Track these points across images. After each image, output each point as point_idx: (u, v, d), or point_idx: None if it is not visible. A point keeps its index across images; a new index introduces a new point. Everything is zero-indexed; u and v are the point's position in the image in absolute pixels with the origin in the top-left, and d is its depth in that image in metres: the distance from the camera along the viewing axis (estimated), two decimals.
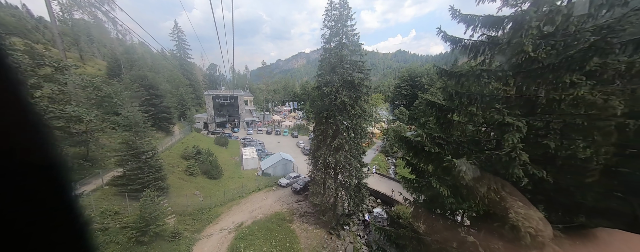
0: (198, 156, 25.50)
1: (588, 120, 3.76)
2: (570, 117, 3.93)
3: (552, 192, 4.35)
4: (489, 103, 4.46)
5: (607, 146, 3.60)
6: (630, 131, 3.47)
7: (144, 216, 12.81)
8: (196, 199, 19.51)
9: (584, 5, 4.56)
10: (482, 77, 4.49)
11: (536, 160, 4.09)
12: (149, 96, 28.00)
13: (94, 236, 0.90)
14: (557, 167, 4.13)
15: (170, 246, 13.65)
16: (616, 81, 3.93)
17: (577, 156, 3.76)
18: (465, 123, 5.45)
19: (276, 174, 27.14)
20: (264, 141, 42.68)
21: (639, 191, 4.07)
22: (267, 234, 16.38)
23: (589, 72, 3.84)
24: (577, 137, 3.91)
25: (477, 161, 4.23)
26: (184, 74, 52.11)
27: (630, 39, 4.18)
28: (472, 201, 4.07)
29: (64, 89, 12.85)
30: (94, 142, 16.77)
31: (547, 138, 3.93)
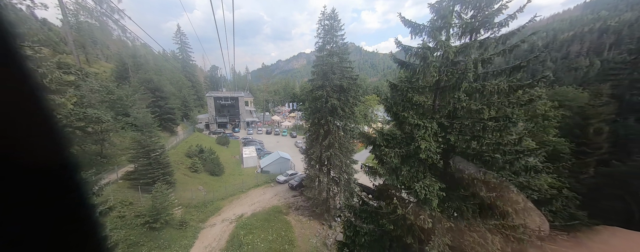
0: (201, 154, 27.30)
1: (472, 122, 5.40)
2: (463, 120, 5.57)
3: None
4: (416, 109, 6.13)
5: (488, 138, 5.26)
6: (490, 127, 5.15)
7: (155, 205, 14.60)
8: (200, 194, 21.28)
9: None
10: (409, 92, 6.15)
11: (446, 149, 5.77)
12: (154, 98, 29.86)
13: (105, 236, 1.28)
14: (455, 154, 5.81)
15: (179, 233, 15.42)
16: (494, 95, 5.58)
17: (469, 146, 5.37)
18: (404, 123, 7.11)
19: (274, 171, 28.88)
20: (264, 140, 44.46)
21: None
22: (265, 224, 18.13)
23: (466, 90, 5.47)
24: (468, 133, 5.55)
25: (405, 150, 5.90)
26: (186, 76, 54.03)
27: (502, 69, 5.92)
28: (399, 178, 5.76)
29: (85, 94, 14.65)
30: (108, 141, 18.59)
31: (450, 134, 5.57)
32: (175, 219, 16.09)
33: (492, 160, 5.07)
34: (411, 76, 6.43)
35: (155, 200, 14.74)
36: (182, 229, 15.81)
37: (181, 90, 44.44)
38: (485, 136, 5.21)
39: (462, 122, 5.59)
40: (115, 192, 15.55)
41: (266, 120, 65.60)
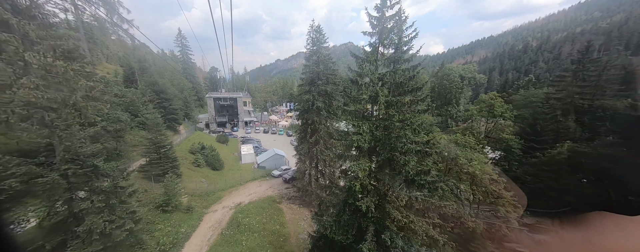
0: (203, 151, 30.14)
1: (389, 123, 8.22)
2: (384, 121, 8.41)
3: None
4: (355, 114, 9.00)
5: (395, 133, 8.11)
6: (397, 126, 8.00)
7: (167, 192, 17.47)
8: (203, 185, 24.14)
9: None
10: (349, 103, 9.00)
11: (375, 140, 8.62)
12: (159, 100, 32.63)
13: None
14: (384, 147, 8.62)
15: (186, 216, 18.28)
16: (403, 106, 8.39)
17: (387, 139, 8.19)
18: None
19: (270, 167, 31.76)
20: (261, 139, 47.32)
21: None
22: (260, 210, 21.02)
23: (386, 102, 8.29)
24: (386, 130, 8.40)
25: (348, 141, 8.75)
26: (187, 78, 56.68)
27: (410, 89, 8.80)
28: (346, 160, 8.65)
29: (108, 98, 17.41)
30: (123, 138, 21.38)
31: (376, 131, 8.40)
32: (182, 205, 18.93)
33: (399, 147, 7.92)
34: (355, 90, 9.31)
35: (166, 188, 17.61)
36: (189, 213, 18.67)
37: (182, 91, 47.16)
38: (394, 132, 8.06)
39: (383, 123, 8.41)
40: (131, 182, 18.34)
41: (264, 119, 68.38)
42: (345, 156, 8.99)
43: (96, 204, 11.14)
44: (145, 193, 17.84)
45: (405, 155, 7.93)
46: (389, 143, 8.21)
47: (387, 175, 8.41)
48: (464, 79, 56.84)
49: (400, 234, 7.92)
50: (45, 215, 10.44)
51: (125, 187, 12.83)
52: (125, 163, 14.66)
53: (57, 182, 9.86)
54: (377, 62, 8.66)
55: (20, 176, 9.26)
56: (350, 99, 9.07)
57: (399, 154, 7.92)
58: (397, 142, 8.04)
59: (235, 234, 16.93)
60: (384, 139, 8.26)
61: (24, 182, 9.48)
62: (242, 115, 57.51)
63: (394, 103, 8.32)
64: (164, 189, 17.66)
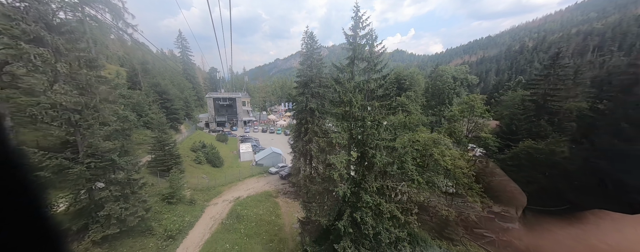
0: (203, 149, 31.84)
1: (363, 123, 10.05)
2: (358, 121, 10.26)
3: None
4: (336, 115, 10.75)
5: (368, 132, 9.87)
6: (369, 126, 9.79)
7: (172, 185, 19.20)
8: (204, 181, 25.85)
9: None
10: (333, 106, 10.73)
11: (350, 138, 10.41)
12: (162, 100, 34.30)
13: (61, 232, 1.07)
14: (358, 144, 10.50)
15: (190, 208, 20.02)
16: (375, 109, 10.13)
17: (362, 137, 9.98)
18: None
19: (267, 164, 33.48)
20: (259, 138, 49.00)
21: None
22: (257, 203, 22.77)
23: (361, 105, 10.03)
24: (360, 129, 10.19)
25: (328, 139, 10.54)
26: (187, 78, 58.24)
27: (381, 94, 10.55)
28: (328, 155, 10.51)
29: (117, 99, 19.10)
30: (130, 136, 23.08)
31: (352, 130, 10.18)
32: (186, 198, 20.67)
33: (369, 143, 9.66)
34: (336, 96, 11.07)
35: (171, 182, 19.35)
36: (192, 205, 20.41)
37: (183, 91, 48.78)
38: (367, 131, 9.80)
39: (358, 123, 10.16)
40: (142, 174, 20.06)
41: (263, 119, 70.03)
42: (327, 150, 10.77)
43: (113, 193, 12.90)
44: (152, 186, 19.54)
45: (374, 150, 9.70)
46: (362, 140, 9.98)
47: (362, 167, 10.18)
48: (457, 80, 58.75)
49: (369, 213, 9.67)
50: (72, 201, 12.16)
51: (137, 180, 14.57)
52: (135, 158, 16.34)
53: (83, 173, 11.59)
54: (353, 72, 10.41)
55: (53, 167, 10.99)
56: (332, 103, 10.82)
57: (369, 148, 9.68)
58: (368, 139, 9.81)
59: (234, 224, 18.69)
60: (358, 136, 10.03)
61: (55, 173, 11.24)
62: (241, 115, 59.15)
63: (366, 106, 10.09)
64: (169, 183, 19.40)
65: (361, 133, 10.03)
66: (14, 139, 14.19)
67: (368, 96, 10.56)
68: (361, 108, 10.17)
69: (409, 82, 72.20)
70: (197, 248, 15.47)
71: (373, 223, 9.72)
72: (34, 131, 14.83)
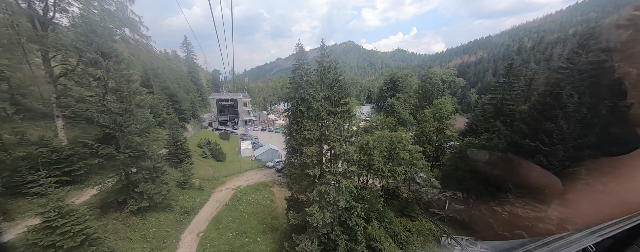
0: (208, 145, 36.17)
1: (327, 123, 14.21)
2: (326, 122, 14.39)
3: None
4: (312, 117, 14.87)
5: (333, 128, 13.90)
6: (332, 120, 13.86)
7: (184, 174, 23.49)
8: (209, 173, 30.15)
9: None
10: (309, 110, 14.66)
11: (320, 134, 14.55)
12: (171, 102, 38.65)
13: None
14: (325, 138, 14.57)
15: (199, 193, 24.30)
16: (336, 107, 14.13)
17: (328, 134, 14.12)
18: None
19: (265, 159, 37.77)
20: (259, 136, 53.31)
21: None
22: (255, 191, 27.02)
23: (327, 111, 14.09)
24: (327, 128, 14.28)
25: (302, 135, 14.69)
26: (192, 81, 62.62)
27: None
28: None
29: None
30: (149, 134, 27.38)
31: (322, 129, 14.30)
32: (195, 185, 24.96)
33: (331, 138, 13.75)
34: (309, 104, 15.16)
35: (184, 171, 23.65)
36: (201, 191, 24.70)
37: (189, 93, 53.16)
38: (329, 129, 13.87)
39: (325, 123, 14.24)
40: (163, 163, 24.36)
41: (262, 118, 74.33)
42: (304, 144, 14.90)
43: (144, 176, 17.20)
44: (168, 174, 23.84)
45: (334, 142, 13.84)
46: (327, 135, 14.11)
47: (327, 155, 14.34)
48: (445, 82, 62.67)
49: (333, 188, 13.74)
50: (116, 181, 16.49)
51: (160, 167, 18.84)
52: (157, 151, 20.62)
53: (125, 160, 15.88)
54: (322, 86, 14.54)
55: (105, 155, 15.30)
56: (307, 109, 14.97)
57: (331, 141, 13.82)
58: (331, 135, 13.95)
59: (235, 205, 22.98)
60: (325, 133, 14.15)
61: (106, 159, 15.55)
62: (242, 115, 63.47)
63: (331, 112, 14.22)
64: (182, 172, 23.71)
65: (326, 131, 14.17)
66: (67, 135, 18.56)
67: (332, 104, 14.69)
68: (327, 113, 14.31)
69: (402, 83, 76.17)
70: (207, 221, 19.78)
71: (334, 195, 13.86)
72: (87, 128, 19.32)
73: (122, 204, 16.85)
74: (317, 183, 14.65)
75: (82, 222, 11.49)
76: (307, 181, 15.57)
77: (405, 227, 20.05)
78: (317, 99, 14.17)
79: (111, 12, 22.04)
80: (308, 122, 14.61)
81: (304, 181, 15.69)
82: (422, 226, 20.08)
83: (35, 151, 15.34)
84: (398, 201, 22.83)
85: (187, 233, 18.19)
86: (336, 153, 14.09)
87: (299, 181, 16.16)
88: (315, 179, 14.55)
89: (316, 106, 13.96)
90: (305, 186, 15.56)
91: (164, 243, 16.57)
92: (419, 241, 18.44)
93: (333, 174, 14.26)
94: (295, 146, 14.95)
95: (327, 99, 14.48)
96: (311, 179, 14.91)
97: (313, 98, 14.61)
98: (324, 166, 14.68)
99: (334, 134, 14.00)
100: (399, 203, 22.54)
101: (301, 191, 15.40)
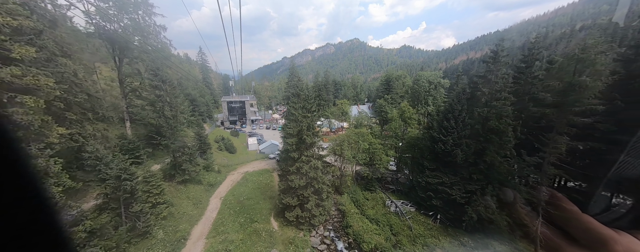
0: (222, 140, 45.65)
1: (302, 123, 22.54)
2: (301, 123, 22.80)
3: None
4: (292, 118, 23.26)
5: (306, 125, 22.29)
6: (306, 124, 22.30)
7: (207, 160, 32.84)
8: (224, 161, 39.56)
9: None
10: (290, 115, 23.00)
11: (299, 132, 22.99)
12: (192, 106, 48.36)
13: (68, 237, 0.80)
14: (300, 132, 23.04)
15: (218, 174, 33.62)
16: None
17: (301, 130, 22.54)
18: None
19: (268, 152, 46.86)
20: (263, 134, 62.54)
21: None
22: (259, 175, 36.13)
23: (302, 116, 22.44)
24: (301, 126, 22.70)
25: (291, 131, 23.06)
26: (207, 86, 72.66)
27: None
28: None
29: None
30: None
31: (299, 127, 22.68)
32: (215, 169, 34.31)
33: (304, 132, 22.19)
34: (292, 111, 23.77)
35: (207, 159, 32.99)
36: (219, 173, 34.04)
37: (204, 96, 63.07)
38: (302, 127, 22.28)
39: (300, 124, 22.67)
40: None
41: (267, 118, 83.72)
42: (287, 136, 23.52)
43: (185, 159, 26.51)
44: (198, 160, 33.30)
45: (306, 136, 22.42)
46: (300, 131, 22.73)
47: (303, 143, 22.98)
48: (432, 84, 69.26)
49: (306, 165, 22.25)
50: (170, 160, 25.88)
51: (194, 153, 28.12)
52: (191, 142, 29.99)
53: (175, 148, 25.16)
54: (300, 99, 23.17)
55: (164, 145, 24.66)
56: (289, 111, 23.61)
57: (304, 136, 22.43)
58: (303, 130, 22.55)
59: (245, 183, 32.14)
60: (300, 129, 22.75)
61: (165, 148, 24.95)
62: (249, 115, 72.97)
63: (305, 116, 22.86)
64: (206, 159, 33.06)
65: (303, 128, 22.81)
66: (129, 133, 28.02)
67: (306, 110, 23.31)
68: (303, 117, 22.94)
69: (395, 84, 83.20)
70: (226, 191, 29.05)
71: (307, 168, 22.48)
72: (148, 128, 28.87)
73: (172, 176, 26.24)
74: (296, 161, 23.39)
75: (158, 180, 20.79)
76: (290, 161, 24.30)
77: (365, 196, 28.49)
78: (296, 108, 22.79)
79: (165, 44, 31.32)
80: (290, 123, 23.31)
81: (289, 161, 24.43)
82: (377, 195, 28.44)
83: (120, 142, 24.82)
84: (364, 179, 31.30)
85: (213, 197, 27.50)
86: (307, 142, 22.73)
87: (286, 161, 24.93)
88: (295, 160, 23.25)
89: (294, 113, 22.63)
90: (289, 164, 24.31)
91: (200, 202, 25.86)
92: (371, 204, 26.88)
93: (306, 156, 22.93)
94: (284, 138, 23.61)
95: (303, 108, 23.06)
96: (292, 160, 23.63)
97: (292, 107, 23.26)
98: (301, 151, 23.38)
99: (305, 130, 22.63)
100: (364, 181, 31.00)
101: (287, 167, 24.15)
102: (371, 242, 21.02)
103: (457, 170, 22.42)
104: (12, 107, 12.07)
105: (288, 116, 34.85)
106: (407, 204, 25.85)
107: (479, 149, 21.22)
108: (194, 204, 24.97)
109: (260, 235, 21.54)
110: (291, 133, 23.31)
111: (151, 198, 19.83)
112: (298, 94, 23.38)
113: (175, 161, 26.31)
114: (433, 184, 23.41)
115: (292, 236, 21.92)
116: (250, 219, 23.85)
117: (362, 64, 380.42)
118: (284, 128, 34.85)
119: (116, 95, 29.99)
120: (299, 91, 22.91)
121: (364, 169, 30.73)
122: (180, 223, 21.50)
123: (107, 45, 25.87)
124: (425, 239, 21.10)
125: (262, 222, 23.60)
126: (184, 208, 23.94)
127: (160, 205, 20.60)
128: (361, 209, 26.49)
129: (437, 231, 21.92)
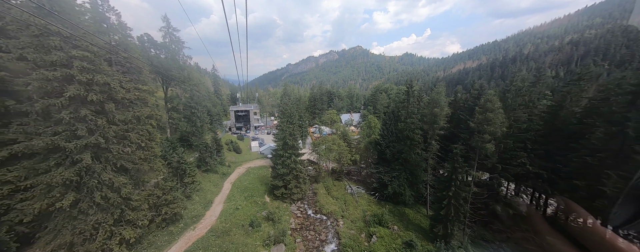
0: (231, 143, 58.44)
1: (286, 131, 34.51)
2: (285, 131, 34.82)
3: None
4: (283, 127, 35.40)
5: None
6: (289, 132, 34.33)
7: (221, 157, 45.47)
8: (232, 159, 52.16)
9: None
10: (281, 125, 35.06)
11: (289, 134, 35.00)
12: (208, 115, 61.61)
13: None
14: (286, 136, 34.91)
15: (228, 168, 46.15)
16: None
17: (285, 136, 34.40)
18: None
19: (266, 153, 59.28)
20: (264, 138, 75.26)
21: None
22: (260, 169, 48.54)
23: (288, 125, 34.26)
24: (287, 133, 34.68)
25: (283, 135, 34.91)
26: (218, 97, 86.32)
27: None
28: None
29: None
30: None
31: (286, 133, 34.67)
32: (226, 164, 46.85)
33: (287, 137, 34.22)
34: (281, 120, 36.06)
35: (221, 156, 45.60)
36: (229, 167, 46.59)
37: (215, 106, 76.46)
38: (287, 134, 34.35)
39: (285, 132, 34.65)
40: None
41: (268, 124, 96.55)
42: (276, 140, 35.72)
43: (208, 155, 39.18)
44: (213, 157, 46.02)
45: (288, 140, 34.64)
46: (286, 135, 34.98)
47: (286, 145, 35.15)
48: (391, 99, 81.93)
49: (289, 159, 34.18)
50: (197, 156, 38.59)
51: (213, 151, 40.73)
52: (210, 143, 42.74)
53: (202, 147, 37.86)
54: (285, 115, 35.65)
55: (188, 145, 37.44)
56: (279, 123, 36.01)
57: (287, 140, 34.63)
58: (287, 136, 34.79)
59: (248, 174, 44.58)
60: (285, 135, 34.95)
61: (195, 146, 37.83)
62: (253, 122, 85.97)
63: (288, 126, 35.24)
64: (220, 157, 45.68)
65: (287, 134, 35.08)
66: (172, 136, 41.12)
67: (291, 122, 35.75)
68: (287, 124, 35.33)
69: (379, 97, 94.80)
70: (235, 179, 41.46)
71: (289, 162, 34.61)
72: (179, 133, 41.83)
73: (199, 167, 38.80)
74: (281, 157, 35.65)
75: (193, 167, 33.36)
76: (278, 157, 36.55)
77: (333, 184, 40.40)
78: (283, 121, 35.18)
79: (191, 68, 44.59)
80: (278, 131, 35.77)
81: (277, 157, 36.69)
82: (342, 183, 40.31)
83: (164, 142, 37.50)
84: (335, 173, 43.30)
85: (226, 182, 40.01)
86: (289, 144, 35.01)
87: (276, 157, 37.18)
88: (281, 156, 35.48)
89: (281, 125, 34.99)
90: (277, 158, 36.56)
91: (217, 184, 38.29)
92: (336, 188, 38.75)
93: (288, 153, 35.21)
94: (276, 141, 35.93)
95: (287, 121, 35.42)
96: (280, 155, 35.90)
97: (280, 119, 35.72)
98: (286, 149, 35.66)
99: (288, 136, 34.97)
100: (335, 174, 42.99)
101: (276, 160, 36.36)
102: (329, 209, 32.89)
103: (388, 163, 34.27)
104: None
105: (278, 126, 47.61)
106: (360, 188, 37.64)
107: (400, 149, 33.12)
108: (214, 185, 37.38)
109: (257, 203, 33.70)
110: (279, 137, 35.73)
111: (191, 177, 32.27)
112: (283, 111, 35.89)
113: (201, 155, 38.93)
114: (375, 173, 35.28)
115: (278, 205, 33.97)
116: (251, 195, 36.05)
117: (365, 71, 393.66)
118: (276, 134, 47.46)
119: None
120: (284, 110, 35.36)
121: (336, 165, 42.78)
122: (206, 195, 33.85)
123: (157, 77, 39.13)
124: (363, 207, 32.92)
125: (259, 197, 35.76)
126: (207, 187, 36.33)
127: (196, 183, 33.01)
128: (328, 191, 38.40)
129: (373, 204, 33.70)
